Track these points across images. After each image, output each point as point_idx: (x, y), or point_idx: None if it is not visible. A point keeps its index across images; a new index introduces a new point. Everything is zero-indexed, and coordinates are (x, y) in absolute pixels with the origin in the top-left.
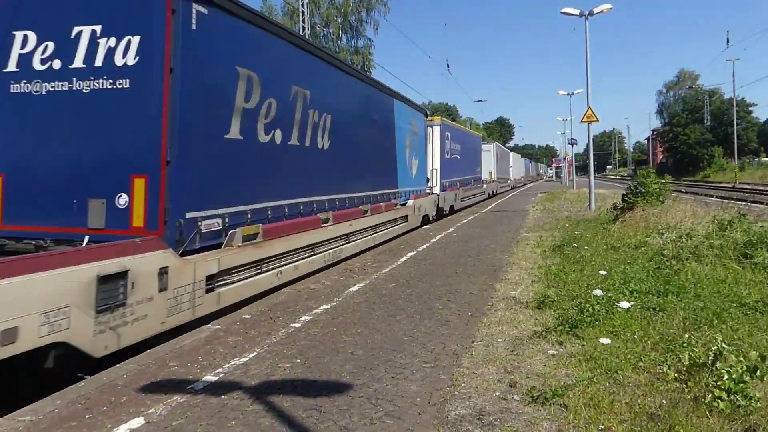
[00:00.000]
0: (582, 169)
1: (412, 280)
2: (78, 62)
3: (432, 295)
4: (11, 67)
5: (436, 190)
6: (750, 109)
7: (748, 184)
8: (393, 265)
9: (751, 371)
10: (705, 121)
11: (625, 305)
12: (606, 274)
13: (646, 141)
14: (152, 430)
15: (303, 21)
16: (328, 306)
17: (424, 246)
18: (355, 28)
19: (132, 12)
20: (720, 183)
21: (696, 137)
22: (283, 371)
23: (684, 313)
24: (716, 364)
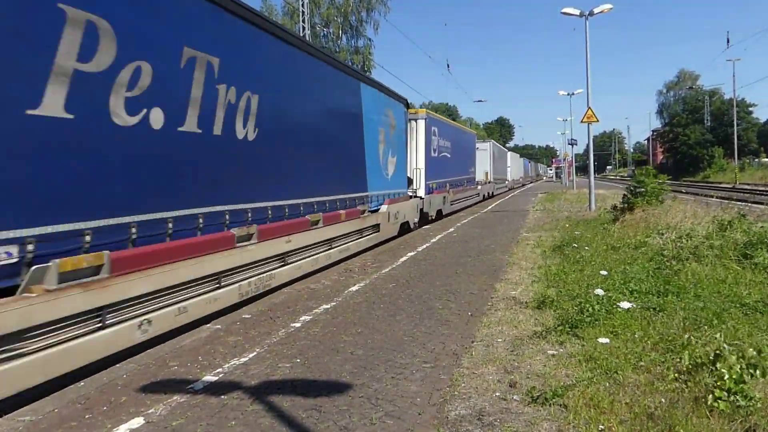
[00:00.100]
0: (582, 169)
1: (412, 280)
2: None
3: (432, 295)
4: None
5: (420, 193)
6: (750, 109)
7: (748, 184)
8: (393, 265)
9: (751, 369)
10: (705, 121)
11: (625, 305)
12: (606, 274)
13: (646, 141)
14: (152, 430)
15: (303, 21)
16: (328, 306)
17: (424, 246)
18: (355, 28)
19: None
20: (720, 183)
21: (696, 138)
22: (283, 371)
23: (684, 313)
24: (716, 364)
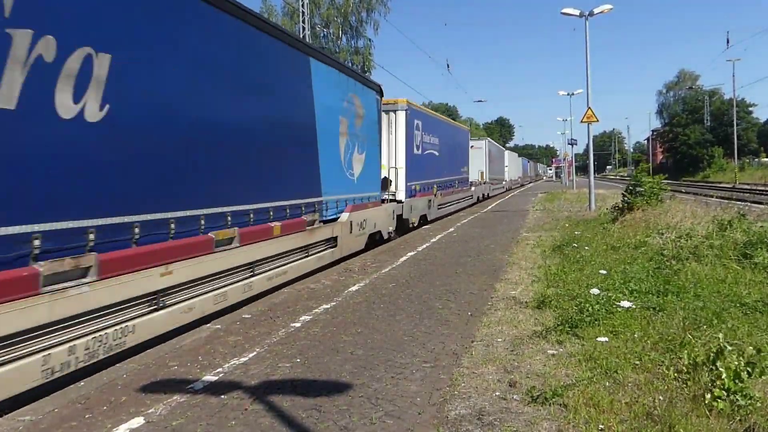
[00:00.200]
0: (582, 169)
1: (412, 279)
2: None
3: (432, 294)
4: None
5: (400, 196)
6: (750, 109)
7: (748, 184)
8: (393, 264)
9: (750, 368)
10: (705, 121)
11: (625, 304)
12: (606, 274)
13: (646, 141)
14: (152, 429)
15: (303, 21)
16: (328, 306)
17: (424, 246)
18: (355, 28)
19: None
20: (720, 183)
21: (696, 137)
22: (283, 371)
23: (684, 313)
24: (716, 363)
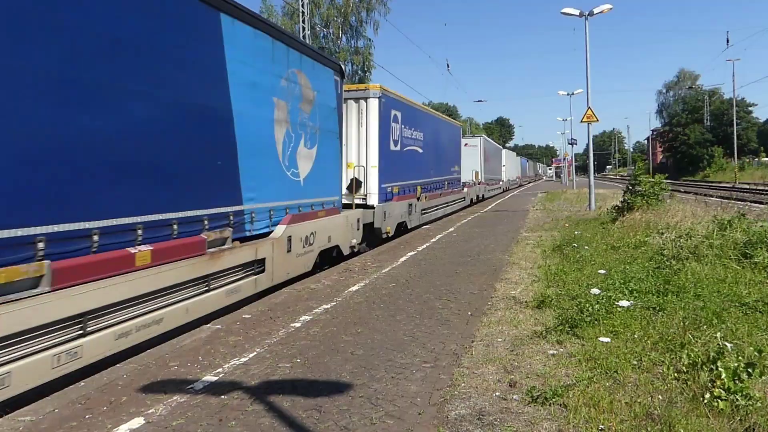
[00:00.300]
0: (582, 169)
1: (412, 279)
2: None
3: (432, 294)
4: None
5: (372, 201)
6: (750, 109)
7: (748, 184)
8: (393, 264)
9: (749, 368)
10: (705, 121)
11: (624, 304)
12: (606, 274)
13: (646, 141)
14: (152, 430)
15: (303, 21)
16: (328, 306)
17: (424, 246)
18: (355, 28)
19: None
20: (720, 183)
21: (696, 137)
22: (283, 371)
23: (684, 313)
24: (716, 363)
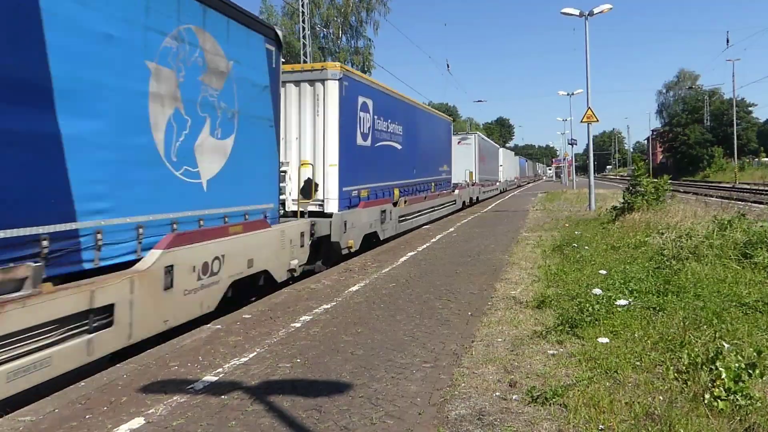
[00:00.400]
0: (582, 169)
1: (412, 279)
2: None
3: (432, 294)
4: None
5: (331, 207)
6: (750, 109)
7: (748, 184)
8: (393, 264)
9: (749, 369)
10: (705, 121)
11: (622, 302)
12: (606, 274)
13: (646, 141)
14: (152, 430)
15: (303, 21)
16: (328, 306)
17: (424, 246)
18: (355, 28)
19: None
20: (720, 183)
21: (696, 137)
22: (283, 371)
23: (684, 313)
24: (715, 362)
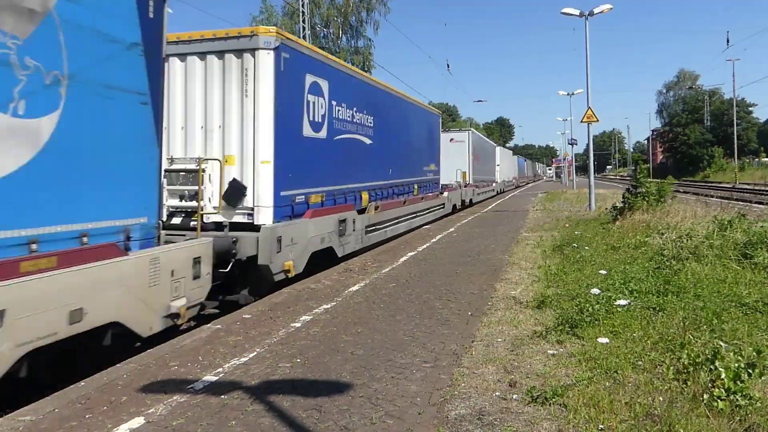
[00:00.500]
0: (582, 169)
1: (412, 279)
2: None
3: (432, 294)
4: None
5: (263, 218)
6: (750, 109)
7: (748, 184)
8: (393, 264)
9: (749, 369)
10: (705, 121)
11: (622, 302)
12: (606, 274)
13: (646, 141)
14: (152, 429)
15: (303, 21)
16: (328, 306)
17: (424, 246)
18: (355, 28)
19: None
20: (720, 183)
21: (696, 137)
22: (283, 371)
23: (684, 313)
24: (714, 362)
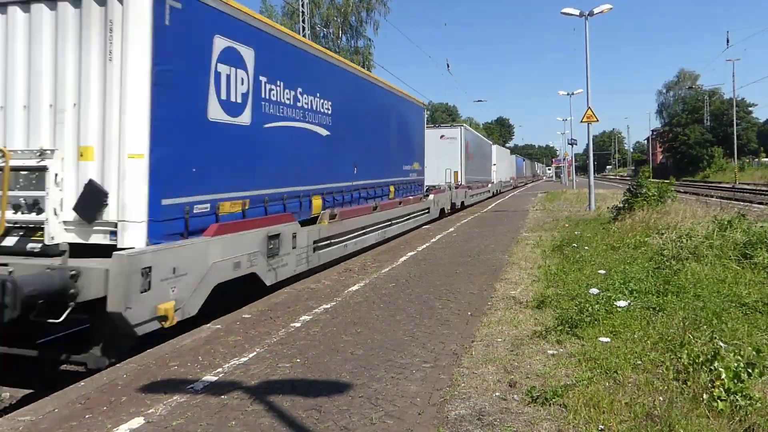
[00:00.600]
0: (582, 169)
1: (411, 279)
2: None
3: (432, 294)
4: None
5: (131, 239)
6: (750, 109)
7: (748, 184)
8: (393, 264)
9: (749, 369)
10: (705, 121)
11: (622, 304)
12: (606, 274)
13: (646, 141)
14: (152, 430)
15: (303, 21)
16: (328, 306)
17: (424, 246)
18: (355, 28)
19: None
20: (720, 183)
21: (696, 137)
22: (283, 371)
23: (684, 313)
24: (714, 363)
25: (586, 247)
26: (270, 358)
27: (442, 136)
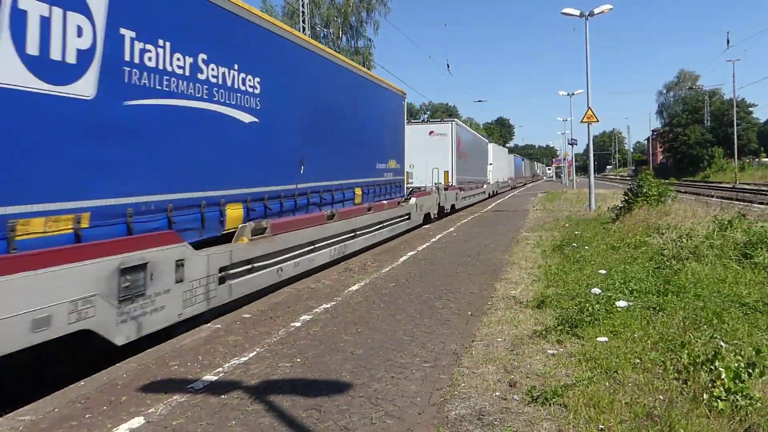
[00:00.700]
0: (582, 169)
1: (412, 279)
2: None
3: (432, 294)
4: None
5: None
6: (750, 109)
7: (748, 184)
8: (393, 264)
9: (749, 368)
10: (705, 121)
11: (622, 304)
12: (606, 274)
13: (646, 141)
14: (152, 429)
15: (303, 21)
16: (328, 305)
17: (424, 246)
18: (355, 28)
19: None
20: (720, 183)
21: (696, 137)
22: (283, 371)
23: (684, 313)
24: (714, 362)
25: (586, 247)
26: (270, 357)
27: (431, 132)
